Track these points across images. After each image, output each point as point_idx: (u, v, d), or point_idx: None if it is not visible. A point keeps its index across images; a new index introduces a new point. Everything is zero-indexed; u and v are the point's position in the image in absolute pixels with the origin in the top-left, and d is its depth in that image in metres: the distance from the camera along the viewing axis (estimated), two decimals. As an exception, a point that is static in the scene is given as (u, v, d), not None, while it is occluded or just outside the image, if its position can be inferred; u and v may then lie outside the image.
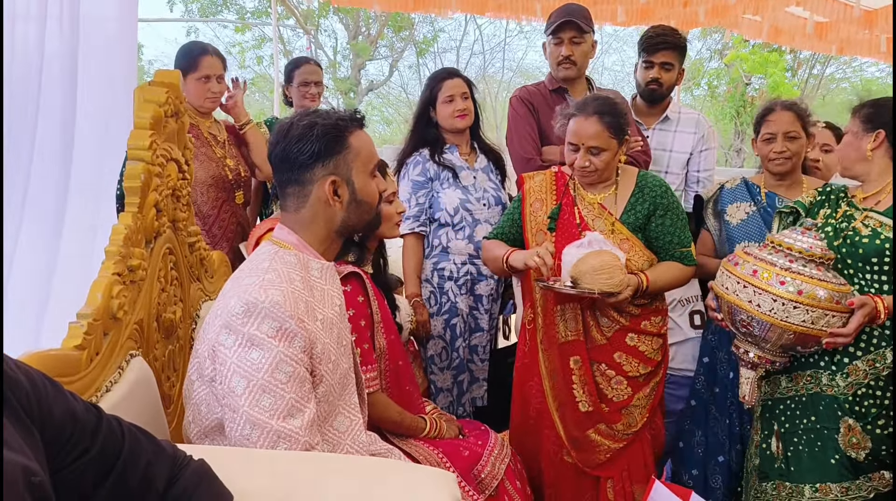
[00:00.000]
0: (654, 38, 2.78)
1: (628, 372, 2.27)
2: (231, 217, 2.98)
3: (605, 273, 2.08)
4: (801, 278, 1.89)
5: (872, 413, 1.95)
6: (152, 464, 0.96)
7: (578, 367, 2.26)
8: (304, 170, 1.43)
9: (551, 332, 2.30)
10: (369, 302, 1.90)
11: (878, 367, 1.96)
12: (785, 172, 2.45)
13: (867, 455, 1.95)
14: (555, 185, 2.36)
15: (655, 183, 2.28)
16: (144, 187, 1.56)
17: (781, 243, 1.96)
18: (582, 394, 2.27)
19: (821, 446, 2.01)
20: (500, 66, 16.07)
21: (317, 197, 1.45)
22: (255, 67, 14.66)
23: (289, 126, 1.45)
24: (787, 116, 2.42)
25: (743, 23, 6.25)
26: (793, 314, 1.88)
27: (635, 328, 2.27)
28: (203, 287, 2.05)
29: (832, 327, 1.89)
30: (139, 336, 1.56)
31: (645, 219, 2.25)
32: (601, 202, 2.28)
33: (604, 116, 2.16)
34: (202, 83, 2.86)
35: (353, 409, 1.53)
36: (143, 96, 1.63)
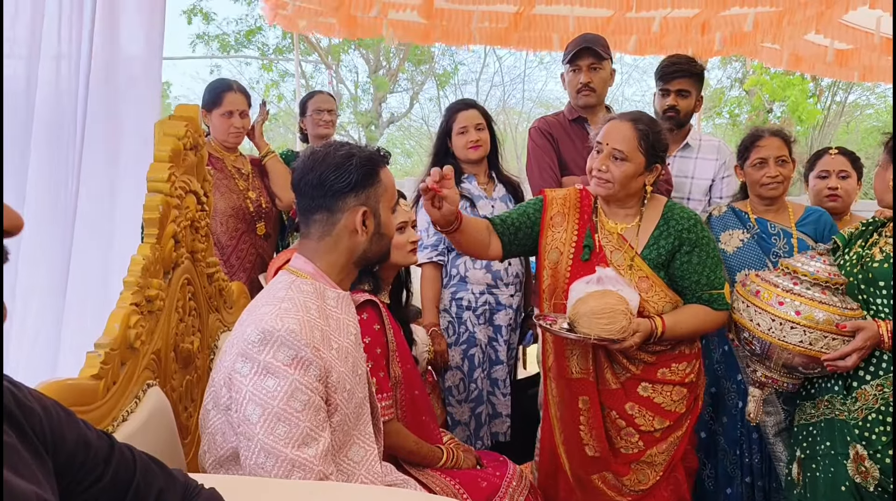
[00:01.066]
0: (670, 67, 2.79)
1: (641, 426, 2.05)
2: (250, 248, 3.01)
3: (605, 318, 1.89)
4: (800, 299, 1.96)
5: (883, 442, 1.91)
6: (164, 492, 0.97)
7: (587, 408, 2.06)
8: (338, 198, 1.46)
9: (562, 364, 2.12)
10: (385, 330, 1.91)
11: (886, 392, 1.92)
12: (777, 197, 2.49)
13: (876, 486, 1.90)
14: (579, 203, 2.15)
15: (684, 215, 2.05)
16: (163, 219, 1.59)
17: (789, 266, 2.03)
18: (589, 438, 2.07)
19: (834, 472, 1.98)
20: (520, 97, 16.21)
21: (344, 226, 1.48)
22: (277, 103, 14.96)
23: (325, 154, 1.49)
24: (776, 142, 2.48)
25: (762, 51, 6.25)
26: (789, 334, 1.94)
27: (649, 376, 2.05)
28: (221, 318, 2.06)
29: (832, 349, 1.92)
30: (156, 366, 1.57)
31: (669, 255, 2.03)
32: (622, 233, 2.07)
33: (639, 124, 1.99)
34: (226, 118, 2.93)
35: (367, 439, 1.52)
36: (162, 130, 1.67)
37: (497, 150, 2.84)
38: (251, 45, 14.19)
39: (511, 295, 2.71)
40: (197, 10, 13.17)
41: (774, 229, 2.47)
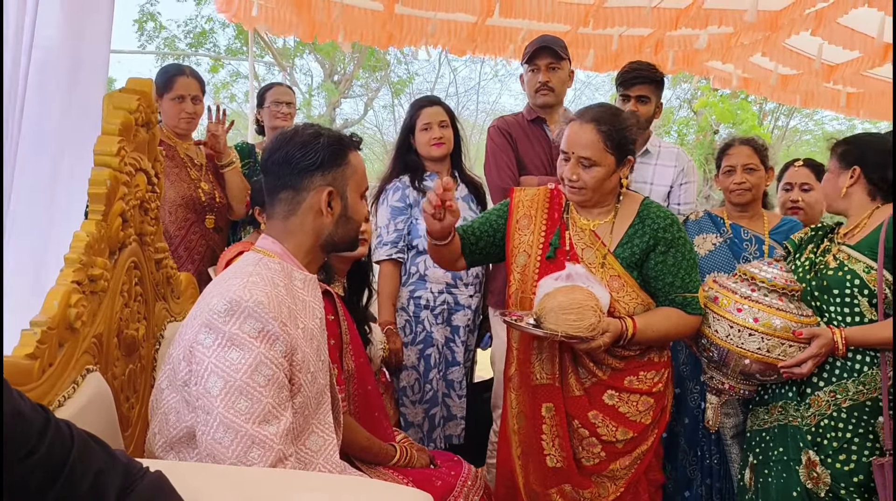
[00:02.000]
0: (631, 73, 2.82)
1: (603, 436, 1.96)
2: (199, 239, 2.91)
3: (574, 313, 1.79)
4: (758, 306, 1.96)
5: (833, 448, 1.94)
6: (104, 473, 0.89)
7: (551, 416, 1.97)
8: (304, 176, 1.44)
9: (525, 371, 2.02)
10: (339, 322, 1.85)
11: (839, 399, 1.95)
12: (745, 203, 2.54)
13: (827, 492, 1.93)
14: (548, 204, 2.08)
15: (660, 214, 1.97)
16: (110, 195, 1.50)
17: (747, 273, 2.04)
18: (551, 447, 1.98)
19: (786, 478, 2.00)
20: (474, 108, 16.32)
21: (309, 205, 1.45)
22: (228, 104, 14.67)
23: (293, 133, 1.47)
24: (745, 150, 2.53)
25: (711, 71, 6.42)
26: (748, 341, 1.95)
27: (616, 384, 1.96)
28: (168, 307, 1.96)
29: (789, 356, 1.94)
30: (97, 351, 1.47)
31: (642, 254, 1.94)
32: (594, 230, 1.99)
33: (601, 124, 1.89)
34: (177, 103, 2.82)
35: (327, 428, 1.47)
36: (112, 103, 1.58)
37: (460, 149, 2.81)
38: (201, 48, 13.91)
39: (470, 295, 2.68)
40: (147, 16, 12.86)
41: (747, 234, 2.51)
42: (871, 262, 1.96)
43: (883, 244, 1.94)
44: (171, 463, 1.23)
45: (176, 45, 13.17)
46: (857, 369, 1.95)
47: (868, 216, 2.04)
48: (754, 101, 12.44)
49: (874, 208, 2.04)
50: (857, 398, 1.94)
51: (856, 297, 1.96)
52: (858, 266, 1.97)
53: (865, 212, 2.05)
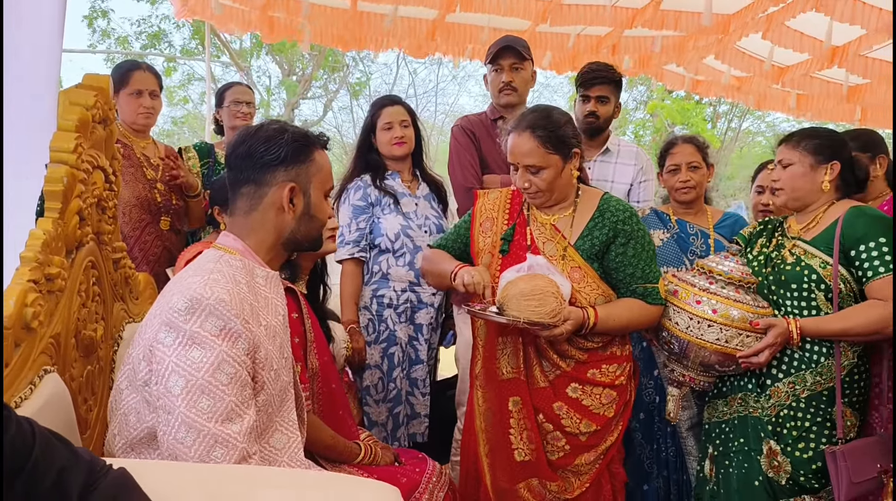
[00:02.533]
0: (590, 73, 2.86)
1: (566, 428, 1.99)
2: (155, 240, 2.86)
3: (535, 300, 1.82)
4: (716, 298, 2.01)
5: (793, 437, 1.99)
6: (67, 470, 0.87)
7: (518, 409, 2.00)
8: (266, 171, 1.42)
9: (491, 367, 2.05)
10: (303, 320, 1.84)
11: (797, 389, 2.01)
12: (690, 201, 2.61)
13: (788, 479, 1.99)
14: (509, 204, 2.13)
15: (619, 207, 2.01)
16: (67, 192, 1.46)
17: (705, 267, 2.10)
18: (519, 441, 2.00)
19: (747, 468, 2.06)
20: (433, 110, 16.33)
21: (271, 201, 1.43)
22: (184, 106, 14.42)
23: (258, 128, 1.45)
24: (688, 149, 2.60)
25: (666, 74, 6.55)
26: (707, 332, 2.00)
27: (579, 376, 1.99)
28: (127, 308, 1.93)
29: (746, 346, 1.99)
30: (55, 352, 1.43)
31: (603, 246, 1.98)
32: (554, 224, 2.04)
33: (537, 130, 1.93)
34: (134, 98, 2.77)
35: (291, 426, 1.45)
36: (68, 99, 1.54)
37: (422, 148, 2.81)
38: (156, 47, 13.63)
39: (433, 294, 2.68)
40: (97, 12, 12.54)
41: (693, 229, 2.59)
42: (826, 257, 2.01)
43: (838, 240, 1.99)
44: (134, 461, 1.21)
45: (129, 45, 12.87)
46: (814, 360, 2.01)
47: (823, 212, 2.08)
48: (708, 103, 12.72)
49: (829, 204, 2.09)
50: (814, 388, 2.00)
51: (812, 291, 2.02)
52: (815, 261, 2.02)
53: (821, 207, 2.09)
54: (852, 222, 1.98)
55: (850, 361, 1.99)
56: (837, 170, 2.06)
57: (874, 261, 1.94)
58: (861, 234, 1.96)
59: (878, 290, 1.93)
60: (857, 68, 5.30)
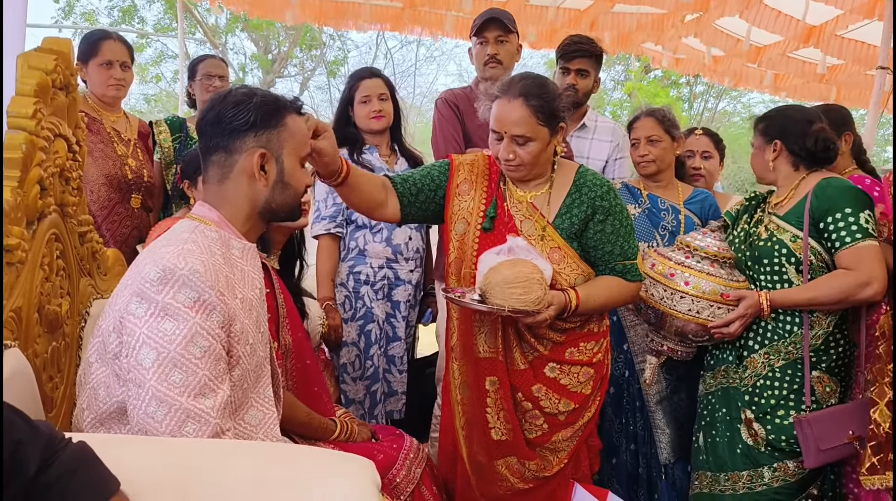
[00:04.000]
0: (571, 46, 2.82)
1: (545, 408, 1.95)
2: (124, 220, 2.79)
3: (520, 288, 1.75)
4: (689, 271, 2.11)
5: (771, 405, 2.05)
6: (23, 445, 0.83)
7: (495, 389, 1.95)
8: (235, 137, 1.37)
9: (468, 342, 1.98)
10: (275, 295, 1.80)
11: (772, 359, 2.08)
12: (651, 174, 2.60)
13: (766, 446, 2.05)
14: (488, 170, 2.01)
15: (596, 182, 1.93)
16: (26, 160, 1.40)
17: (683, 242, 2.18)
18: (496, 420, 1.96)
19: (729, 436, 2.13)
20: (410, 90, 16.19)
21: (242, 168, 1.38)
22: (156, 83, 14.14)
23: (227, 93, 1.40)
24: (648, 122, 2.58)
25: (646, 52, 6.53)
26: (679, 303, 2.11)
27: (557, 357, 1.94)
28: (94, 284, 1.87)
29: (717, 317, 2.08)
30: (16, 327, 1.37)
31: (581, 224, 1.91)
32: (531, 201, 1.95)
33: (530, 99, 1.82)
34: (105, 69, 2.68)
35: (266, 402, 1.42)
36: (27, 63, 1.47)
37: (400, 122, 2.76)
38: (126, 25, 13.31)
39: (411, 271, 2.64)
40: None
41: (664, 204, 2.59)
42: (797, 231, 2.05)
43: (808, 213, 2.03)
44: (100, 436, 1.16)
45: (96, 20, 12.54)
46: (787, 330, 2.07)
47: (795, 187, 2.13)
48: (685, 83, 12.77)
49: (800, 179, 2.14)
50: (788, 357, 2.06)
51: (783, 265, 2.07)
52: (786, 236, 2.07)
53: (793, 183, 2.15)
54: (820, 195, 2.03)
55: (824, 329, 2.05)
56: (780, 148, 2.15)
57: (841, 232, 1.98)
58: (828, 206, 2.00)
59: (844, 259, 1.98)
60: (833, 49, 5.32)
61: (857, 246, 1.95)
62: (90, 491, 0.89)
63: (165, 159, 2.96)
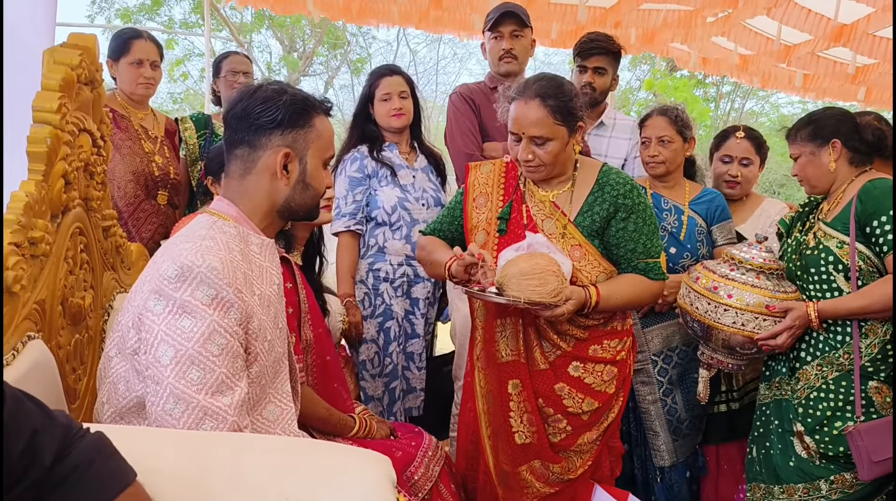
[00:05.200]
0: (588, 44, 2.79)
1: (569, 408, 1.94)
2: (151, 216, 2.82)
3: (536, 279, 1.74)
4: (733, 284, 2.06)
5: (827, 416, 1.98)
6: (40, 434, 0.83)
7: (518, 392, 1.95)
8: (261, 133, 1.36)
9: (490, 349, 1.99)
10: (297, 290, 1.80)
11: (825, 371, 2.01)
12: (659, 175, 2.53)
13: (820, 458, 1.99)
14: (503, 178, 2.03)
15: (619, 180, 1.93)
16: (51, 153, 1.42)
17: (729, 254, 2.15)
18: (520, 424, 1.96)
19: (782, 448, 2.08)
20: (433, 89, 16.21)
21: (265, 165, 1.37)
22: (183, 81, 14.29)
23: (257, 87, 1.38)
24: (660, 121, 2.49)
25: (672, 51, 6.45)
26: (723, 316, 2.06)
27: (581, 354, 1.93)
28: (118, 277, 1.89)
29: (763, 330, 2.02)
30: (40, 318, 1.40)
31: (603, 222, 1.91)
32: (553, 200, 1.94)
33: (547, 99, 1.83)
34: (135, 68, 2.72)
35: (284, 397, 1.42)
36: (53, 58, 1.49)
37: (420, 119, 2.75)
38: (154, 19, 13.47)
39: (430, 267, 2.63)
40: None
41: (667, 204, 2.53)
42: (843, 237, 1.98)
43: (853, 217, 1.95)
44: (117, 427, 1.17)
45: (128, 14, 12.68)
46: (840, 340, 2.00)
47: (843, 192, 2.05)
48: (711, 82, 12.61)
49: (848, 183, 2.05)
50: (841, 369, 1.99)
51: (831, 273, 2.00)
52: (832, 243, 2.00)
53: (843, 186, 2.06)
54: (865, 198, 1.95)
55: (880, 338, 1.96)
56: (840, 147, 2.04)
57: (888, 235, 1.90)
58: (874, 208, 1.93)
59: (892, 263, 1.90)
60: (864, 48, 5.21)
61: None
62: (106, 482, 0.89)
63: (190, 156, 2.99)
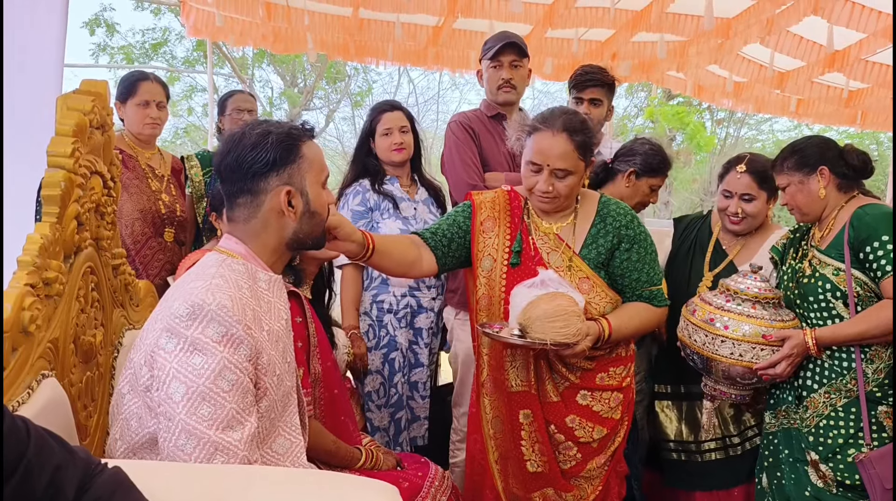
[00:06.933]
0: (583, 76, 2.85)
1: (580, 438, 1.97)
2: (157, 253, 2.86)
3: (560, 321, 1.77)
4: (729, 315, 2.07)
5: (839, 444, 1.97)
6: (62, 469, 0.86)
7: (529, 422, 1.97)
8: (258, 179, 1.39)
9: (499, 377, 2.01)
10: (307, 324, 1.83)
11: (833, 398, 2.00)
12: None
13: (838, 486, 1.96)
14: (509, 205, 2.04)
15: (619, 211, 1.98)
16: (65, 197, 1.46)
17: (724, 285, 2.17)
18: (531, 452, 1.99)
19: (795, 479, 2.06)
20: (433, 118, 16.35)
21: (270, 207, 1.40)
22: (186, 117, 14.46)
23: (241, 135, 1.41)
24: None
25: (668, 79, 6.55)
26: (720, 347, 2.07)
27: (588, 384, 1.97)
28: (127, 315, 1.92)
29: (762, 359, 2.02)
30: (53, 357, 1.43)
31: (608, 253, 1.95)
32: (558, 233, 1.97)
33: (574, 134, 1.86)
34: (142, 108, 2.79)
35: (293, 430, 1.44)
36: (66, 104, 1.54)
37: (420, 153, 2.80)
38: (158, 57, 13.68)
39: (433, 298, 2.67)
40: (100, 20, 12.58)
41: None
42: (839, 264, 1.99)
43: (847, 244, 1.97)
44: (129, 461, 1.20)
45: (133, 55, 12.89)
46: (844, 366, 1.99)
47: (834, 218, 2.07)
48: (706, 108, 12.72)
49: (839, 209, 2.07)
50: (849, 395, 1.98)
51: (830, 301, 2.01)
52: (828, 270, 2.01)
53: (834, 212, 2.08)
54: (857, 224, 1.97)
55: (885, 362, 1.96)
56: (828, 173, 2.06)
57: (881, 260, 1.92)
58: (867, 234, 1.94)
59: (889, 288, 1.91)
60: (857, 73, 5.30)
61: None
62: (126, 516, 0.92)
63: (196, 193, 3.04)
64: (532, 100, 14.52)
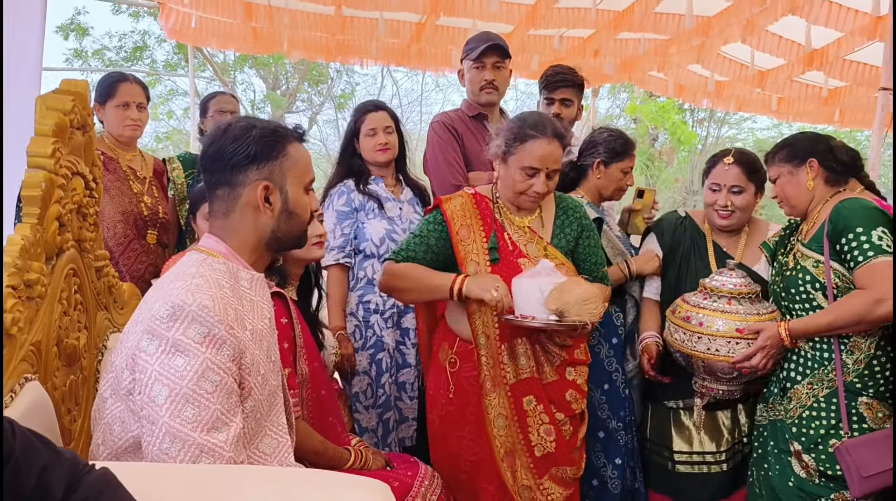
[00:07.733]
0: (554, 77, 2.86)
1: (576, 411, 2.14)
2: (140, 255, 2.83)
3: (592, 303, 1.93)
4: (704, 312, 2.15)
5: (821, 434, 1.99)
6: (49, 470, 0.85)
7: (533, 407, 2.08)
8: (237, 171, 1.37)
9: (498, 375, 2.08)
10: (293, 325, 1.81)
11: (815, 389, 2.02)
12: None
13: (820, 476, 1.99)
14: (477, 209, 2.17)
15: (574, 203, 2.24)
16: (46, 197, 1.44)
17: (702, 284, 2.24)
18: (538, 437, 2.08)
19: (780, 469, 2.09)
20: (417, 119, 16.34)
21: (247, 201, 1.39)
22: (167, 121, 14.36)
23: (226, 126, 1.40)
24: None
25: (649, 80, 6.59)
26: (698, 344, 2.16)
27: (571, 359, 2.15)
28: (111, 317, 1.90)
29: (738, 353, 2.09)
30: (36, 360, 1.41)
31: (574, 241, 2.18)
32: (530, 226, 2.16)
33: (562, 139, 2.09)
34: (121, 110, 2.76)
35: (280, 430, 1.43)
36: (45, 104, 1.52)
37: (405, 153, 2.80)
38: (138, 62, 13.56)
39: (419, 298, 2.66)
40: (74, 25, 12.46)
41: None
42: (818, 256, 2.03)
43: (826, 236, 2.00)
44: (119, 464, 1.18)
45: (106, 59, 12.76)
46: (825, 357, 2.02)
47: (818, 212, 2.10)
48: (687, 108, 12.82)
49: (824, 203, 2.10)
50: (831, 385, 2.00)
51: (810, 292, 2.04)
52: (808, 262, 2.05)
53: (819, 206, 2.11)
54: (835, 217, 2.00)
55: (865, 353, 1.98)
56: (817, 166, 2.11)
57: (854, 251, 1.94)
58: (843, 226, 1.97)
59: (860, 278, 1.93)
60: (836, 72, 5.36)
61: (870, 264, 1.89)
62: (113, 517, 0.90)
63: (179, 195, 3.02)
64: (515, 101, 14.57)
